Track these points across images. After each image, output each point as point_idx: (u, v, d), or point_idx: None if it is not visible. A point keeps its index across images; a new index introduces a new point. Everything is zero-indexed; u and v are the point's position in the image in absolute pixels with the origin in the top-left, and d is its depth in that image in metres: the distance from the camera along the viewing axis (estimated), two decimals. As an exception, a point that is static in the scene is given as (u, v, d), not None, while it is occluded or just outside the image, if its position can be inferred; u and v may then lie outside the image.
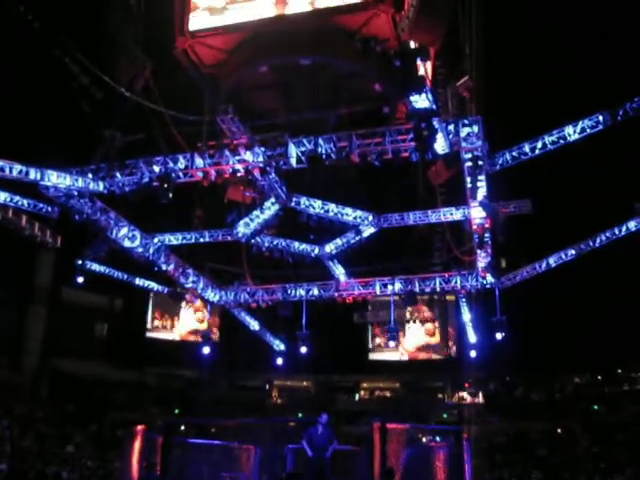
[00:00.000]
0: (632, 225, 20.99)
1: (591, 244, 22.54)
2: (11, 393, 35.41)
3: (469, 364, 32.83)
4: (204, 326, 39.35)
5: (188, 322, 44.12)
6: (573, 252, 23.01)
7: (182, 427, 31.37)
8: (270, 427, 28.02)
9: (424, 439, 24.45)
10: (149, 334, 46.93)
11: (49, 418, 35.11)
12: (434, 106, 13.21)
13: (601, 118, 16.72)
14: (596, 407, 42.23)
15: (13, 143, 21.98)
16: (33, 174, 16.68)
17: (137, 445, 17.75)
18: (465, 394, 47.31)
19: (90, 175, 17.36)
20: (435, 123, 13.75)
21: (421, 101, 12.84)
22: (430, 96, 12.84)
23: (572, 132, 16.95)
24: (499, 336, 23.78)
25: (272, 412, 46.46)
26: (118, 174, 17.27)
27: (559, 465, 34.80)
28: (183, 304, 27.49)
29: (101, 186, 17.53)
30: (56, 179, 16.95)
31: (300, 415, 42.17)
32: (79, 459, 29.65)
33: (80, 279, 22.79)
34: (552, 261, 23.66)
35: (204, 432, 31.81)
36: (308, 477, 14.23)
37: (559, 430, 41.11)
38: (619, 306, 37.14)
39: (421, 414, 44.24)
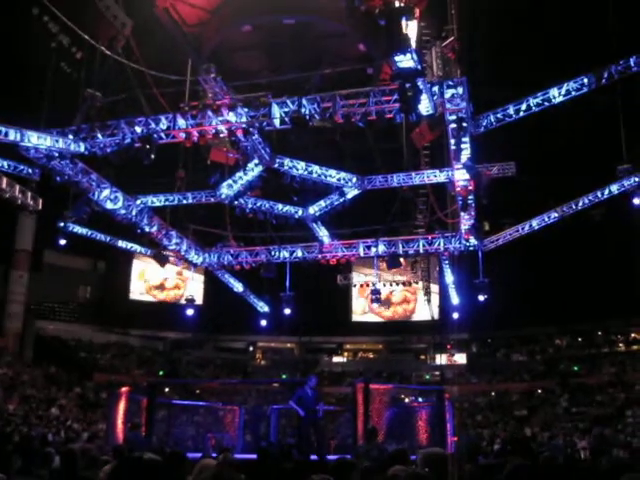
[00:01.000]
0: (614, 188, 21.08)
1: (574, 207, 22.66)
2: (-5, 356, 35.46)
3: (451, 326, 33.16)
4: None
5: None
6: (556, 215, 23.14)
7: (167, 389, 31.54)
8: (254, 388, 28.29)
9: (407, 399, 24.74)
10: (132, 296, 46.98)
11: (34, 381, 35.13)
12: (419, 66, 13.08)
13: (586, 80, 16.67)
14: (576, 368, 42.80)
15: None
16: (13, 135, 16.45)
17: (122, 406, 17.80)
18: (447, 355, 47.77)
19: (71, 136, 17.12)
20: (420, 84, 13.64)
21: (406, 61, 12.70)
22: (415, 56, 12.70)
23: (557, 94, 16.90)
24: (481, 298, 24.01)
25: (256, 373, 46.79)
26: (99, 135, 17.04)
27: (538, 424, 35.34)
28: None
29: (82, 147, 17.31)
30: (36, 140, 16.72)
31: (284, 376, 42.50)
32: (64, 421, 29.73)
33: (62, 241, 22.65)
34: (535, 223, 23.80)
35: (189, 393, 32.04)
36: (304, 439, 14.36)
37: (539, 390, 41.68)
38: (600, 269, 37.49)
39: (404, 375, 44.78)
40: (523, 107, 17.25)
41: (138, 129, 16.68)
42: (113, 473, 2.54)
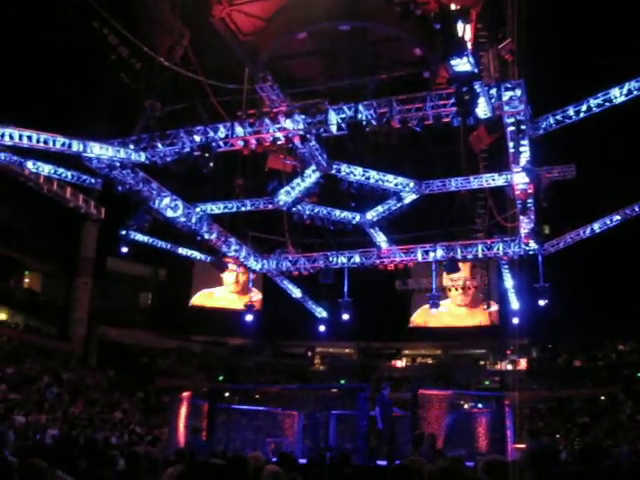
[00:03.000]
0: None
1: (637, 209, 22.12)
2: (60, 361, 36.29)
3: (512, 331, 32.67)
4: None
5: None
6: (618, 217, 22.63)
7: (227, 394, 31.83)
8: (313, 394, 28.31)
9: (466, 405, 24.49)
10: (193, 302, 47.60)
11: (98, 385, 35.90)
12: (475, 70, 13.02)
13: (649, 79, 16.30)
14: (640, 374, 41.73)
15: (56, 116, 22.29)
16: (76, 146, 16.90)
17: (183, 411, 18.08)
18: (508, 361, 47.09)
19: (132, 146, 17.51)
20: (477, 87, 13.55)
21: (462, 65, 12.65)
22: (471, 59, 12.64)
23: (618, 94, 16.53)
24: (542, 303, 23.59)
25: (314, 379, 46.83)
26: (159, 144, 17.38)
27: (601, 432, 34.54)
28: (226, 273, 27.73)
29: (143, 157, 17.67)
30: (98, 150, 17.15)
31: (342, 382, 42.46)
32: (127, 424, 30.27)
33: (124, 249, 23.10)
34: (596, 227, 23.31)
35: (248, 398, 32.28)
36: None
37: (602, 397, 40.73)
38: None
39: (463, 381, 44.27)
40: (583, 108, 16.92)
41: (197, 138, 16.95)
42: (177, 476, 2.60)
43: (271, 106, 16.00)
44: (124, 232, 22.83)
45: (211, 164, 16.63)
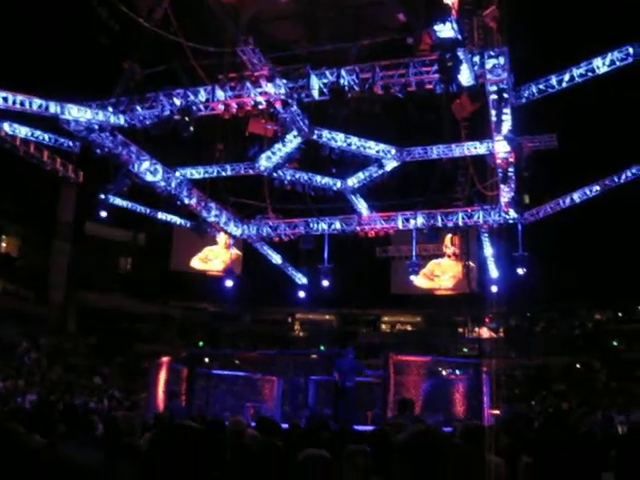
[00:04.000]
0: (659, 161, 20.63)
1: (616, 180, 22.23)
2: (38, 326, 36.12)
3: (490, 299, 32.91)
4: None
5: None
6: (598, 188, 22.74)
7: (206, 359, 31.89)
8: (292, 359, 28.44)
9: (444, 372, 24.72)
10: (173, 268, 47.47)
11: (76, 350, 35.85)
12: (459, 36, 12.90)
13: (631, 50, 16.24)
14: (615, 343, 42.32)
15: (32, 77, 21.90)
16: (53, 108, 16.66)
17: (162, 376, 18.11)
18: (485, 329, 47.54)
19: (110, 108, 17.28)
20: (460, 54, 13.43)
21: (446, 31, 12.54)
22: (455, 26, 12.53)
23: (601, 64, 16.50)
24: (521, 271, 23.76)
25: (294, 345, 47.06)
26: (138, 107, 17.17)
27: (577, 399, 35.07)
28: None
29: (122, 119, 17.46)
30: (76, 113, 16.91)
31: (322, 348, 42.68)
32: (106, 390, 30.31)
33: (103, 213, 22.90)
34: (576, 197, 23.42)
35: (228, 364, 32.37)
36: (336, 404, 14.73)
37: (578, 365, 41.33)
38: (642, 243, 36.84)
39: (441, 348, 44.69)
40: (566, 78, 16.89)
41: (177, 101, 16.76)
42: (154, 440, 2.58)
43: (252, 70, 15.82)
44: (103, 196, 22.60)
45: (191, 128, 16.46)
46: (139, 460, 2.39)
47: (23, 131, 20.13)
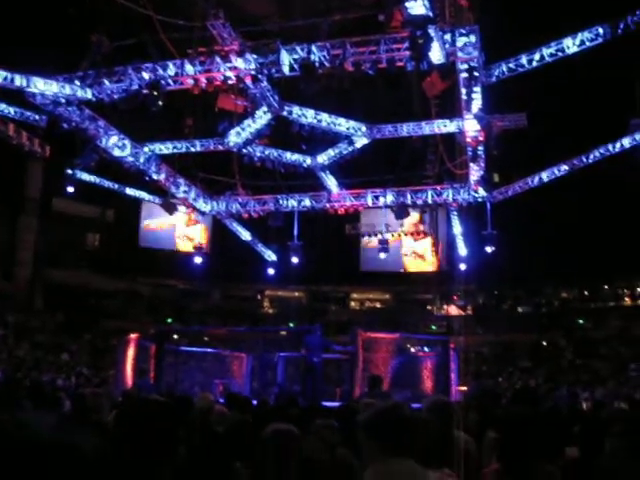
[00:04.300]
0: (626, 142, 20.81)
1: (584, 160, 22.43)
2: (5, 303, 35.69)
3: (458, 277, 33.17)
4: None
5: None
6: (566, 167, 22.95)
7: (175, 336, 31.83)
8: (262, 336, 28.51)
9: (412, 349, 24.92)
10: (141, 244, 47.10)
11: (43, 327, 35.53)
12: (430, 13, 12.87)
13: (601, 31, 16.34)
14: (581, 321, 42.96)
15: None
16: (19, 81, 16.35)
17: (131, 353, 18.04)
18: (454, 306, 47.94)
19: (77, 82, 17.00)
20: (431, 31, 13.41)
21: (417, 7, 12.51)
22: (426, 2, 12.49)
23: (571, 44, 16.60)
24: (489, 249, 23.97)
25: (264, 322, 47.10)
26: (106, 81, 16.91)
27: (542, 376, 35.62)
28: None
29: (89, 93, 17.19)
30: (42, 86, 16.62)
31: (291, 325, 42.77)
32: (74, 367, 30.11)
33: (70, 189, 22.66)
34: (545, 176, 23.63)
35: (197, 341, 32.33)
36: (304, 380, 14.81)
37: (544, 343, 41.91)
38: (608, 223, 37.28)
39: (410, 325, 45.01)
40: (536, 57, 16.97)
41: (145, 75, 16.54)
42: (119, 414, 2.56)
43: (222, 44, 15.65)
44: (70, 171, 22.34)
45: (160, 103, 16.27)
46: (106, 437, 2.38)
47: (-13, 105, 19.77)
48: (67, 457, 0.81)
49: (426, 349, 22.12)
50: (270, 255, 30.38)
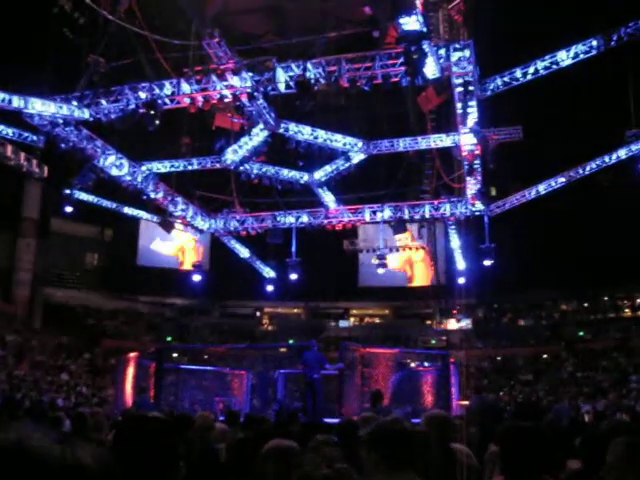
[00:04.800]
0: (622, 153, 20.87)
1: (581, 171, 22.50)
2: (4, 323, 35.62)
3: (458, 291, 33.15)
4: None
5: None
6: (563, 179, 23.01)
7: (175, 354, 31.77)
8: (261, 353, 28.44)
9: (412, 364, 24.86)
10: (140, 263, 47.12)
11: (43, 347, 35.44)
12: (424, 29, 12.96)
13: (595, 43, 16.46)
14: (581, 333, 42.88)
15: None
16: (17, 102, 16.42)
17: (130, 371, 17.97)
18: (453, 320, 47.86)
19: (75, 102, 17.08)
20: (425, 47, 13.50)
21: (411, 23, 12.59)
22: (420, 18, 12.59)
23: (565, 57, 16.72)
24: (487, 263, 23.96)
25: (263, 339, 47.03)
26: (103, 101, 17.00)
27: (544, 389, 35.54)
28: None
29: (86, 113, 17.27)
30: (40, 107, 16.69)
31: (291, 341, 42.67)
32: (74, 386, 30.04)
33: (68, 209, 22.69)
34: (542, 188, 23.68)
35: (197, 359, 32.24)
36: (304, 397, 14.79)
37: (545, 355, 41.83)
38: (607, 234, 37.32)
39: (410, 340, 44.94)
40: (530, 70, 17.09)
41: (142, 95, 16.62)
42: (118, 432, 2.56)
43: (218, 63, 15.74)
44: (68, 191, 22.37)
45: (157, 122, 16.34)
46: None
47: (-15, 126, 19.82)
48: (72, 473, 0.81)
49: (426, 364, 22.04)
50: (268, 272, 30.37)
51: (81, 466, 0.80)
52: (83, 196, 23.26)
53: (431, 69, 14.51)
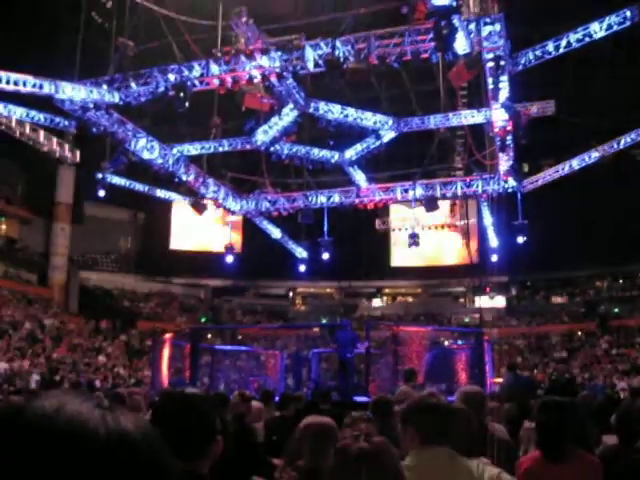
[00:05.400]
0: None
1: (615, 146, 22.12)
2: (42, 307, 36.22)
3: (490, 268, 32.96)
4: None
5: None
6: (597, 154, 22.62)
7: (209, 335, 32.04)
8: (295, 333, 28.59)
9: (446, 342, 24.82)
10: (173, 246, 47.52)
11: (80, 330, 35.95)
12: (454, 3, 12.78)
13: (628, 14, 16.06)
14: (616, 310, 42.37)
15: (26, 57, 21.76)
16: (47, 87, 16.54)
17: (166, 352, 18.17)
18: (486, 298, 47.59)
19: (105, 86, 17.16)
20: (455, 21, 13.30)
21: (441, -2, 12.43)
22: (450, -8, 12.41)
23: (598, 29, 16.32)
24: (521, 240, 23.73)
25: (296, 319, 47.22)
26: (133, 84, 17.04)
27: (578, 366, 35.25)
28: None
29: (116, 97, 17.35)
30: (70, 91, 16.79)
31: (324, 321, 42.84)
32: (111, 368, 30.45)
33: (101, 192, 22.89)
34: (575, 164, 23.33)
35: (231, 339, 32.53)
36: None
37: (579, 333, 41.45)
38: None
39: (443, 318, 44.85)
40: (563, 43, 16.73)
41: (171, 77, 16.63)
42: (157, 408, 2.59)
43: (246, 43, 15.69)
44: (100, 175, 22.57)
45: (187, 104, 16.36)
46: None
47: (18, 112, 20.05)
48: (114, 439, 0.82)
49: (460, 342, 21.97)
50: (301, 252, 30.42)
51: (123, 432, 0.80)
52: (115, 180, 23.45)
53: (461, 44, 14.31)
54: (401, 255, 47.41)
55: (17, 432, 0.77)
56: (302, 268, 30.98)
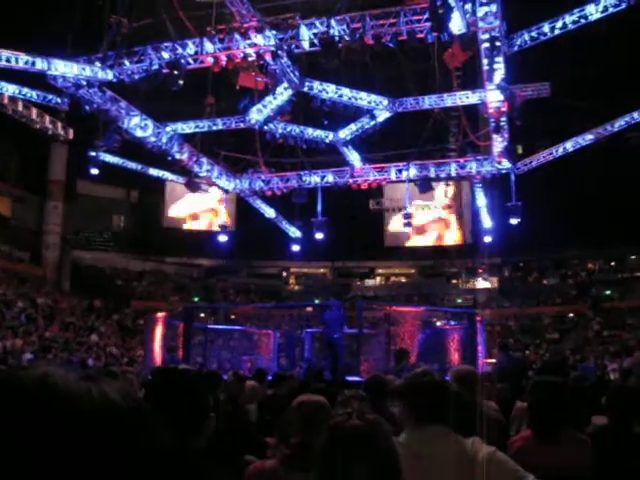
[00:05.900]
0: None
1: (609, 128, 22.11)
2: (34, 286, 36.13)
3: (483, 250, 33.00)
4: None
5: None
6: (591, 137, 22.61)
7: (202, 314, 32.09)
8: (288, 312, 28.69)
9: (439, 322, 24.91)
10: (166, 224, 47.45)
11: (73, 308, 35.92)
12: (450, -18, 12.71)
13: (625, -5, 16.01)
14: (608, 292, 42.59)
15: (17, 34, 21.55)
16: (40, 64, 16.42)
17: (159, 331, 18.17)
18: (479, 279, 47.74)
19: (98, 63, 17.03)
20: (451, 1, 13.24)
21: (437, -23, 12.35)
22: (446, -28, 12.34)
23: (594, 11, 16.25)
24: (514, 221, 23.75)
25: (289, 299, 47.28)
26: (126, 61, 16.92)
27: (570, 348, 35.45)
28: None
29: (110, 74, 17.22)
30: (63, 68, 16.67)
31: (317, 301, 42.90)
32: (104, 347, 30.47)
33: (94, 170, 22.80)
34: (569, 146, 23.32)
35: (224, 318, 32.59)
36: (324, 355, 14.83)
37: (571, 314, 41.68)
38: (633, 192, 36.78)
39: (436, 299, 44.99)
40: (558, 25, 16.67)
41: (165, 55, 16.53)
42: (150, 384, 2.60)
43: (241, 21, 15.58)
44: (93, 153, 22.46)
45: (180, 82, 16.26)
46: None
47: (10, 89, 19.89)
48: (100, 409, 0.81)
49: (452, 322, 22.04)
50: (294, 232, 30.38)
51: (109, 401, 0.80)
52: (108, 158, 23.35)
53: (457, 24, 14.23)
54: (395, 236, 47.42)
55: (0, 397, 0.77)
56: (296, 248, 30.96)
